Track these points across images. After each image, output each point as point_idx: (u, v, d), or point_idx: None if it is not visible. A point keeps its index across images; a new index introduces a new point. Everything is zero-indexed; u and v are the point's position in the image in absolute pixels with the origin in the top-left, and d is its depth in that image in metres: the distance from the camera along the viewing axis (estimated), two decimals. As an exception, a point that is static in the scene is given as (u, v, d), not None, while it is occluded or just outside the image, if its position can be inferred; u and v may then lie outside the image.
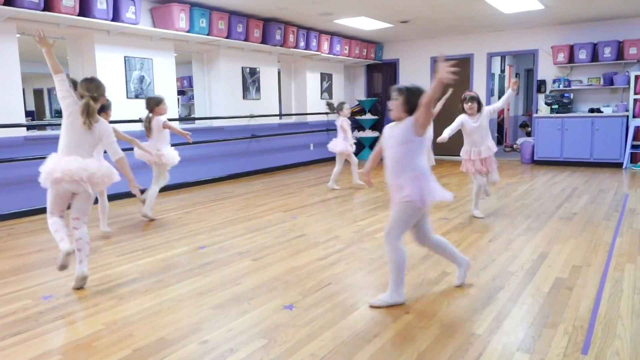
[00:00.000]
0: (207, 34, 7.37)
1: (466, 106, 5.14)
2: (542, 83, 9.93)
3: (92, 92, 3.43)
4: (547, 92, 9.82)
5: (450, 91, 5.84)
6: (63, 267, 3.20)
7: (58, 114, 14.63)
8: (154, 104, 5.36)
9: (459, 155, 5.41)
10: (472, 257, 3.89)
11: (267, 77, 9.21)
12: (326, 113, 10.86)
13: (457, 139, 5.42)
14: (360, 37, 10.81)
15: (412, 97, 2.88)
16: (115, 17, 6.21)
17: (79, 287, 3.32)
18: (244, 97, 8.73)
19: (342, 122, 7.15)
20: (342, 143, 7.17)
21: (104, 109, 4.11)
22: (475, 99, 5.14)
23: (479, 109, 5.15)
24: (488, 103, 10.79)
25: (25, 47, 6.89)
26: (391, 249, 2.97)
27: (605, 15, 8.87)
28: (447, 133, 5.12)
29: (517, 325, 2.67)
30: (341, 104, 7.28)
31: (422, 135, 2.90)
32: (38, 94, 16.04)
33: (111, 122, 6.38)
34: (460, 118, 5.18)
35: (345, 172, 7.79)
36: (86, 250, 3.34)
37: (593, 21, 9.33)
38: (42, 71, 13.62)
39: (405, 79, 11.57)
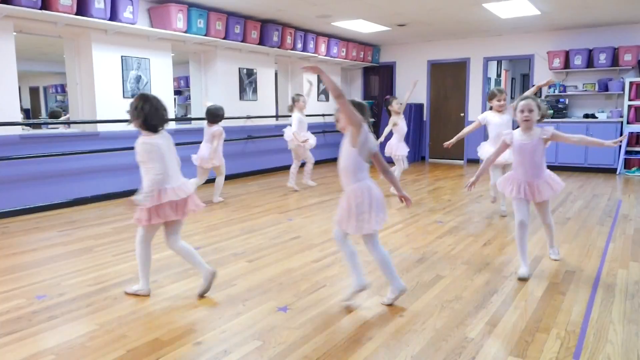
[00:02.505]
0: (205, 35, 7.37)
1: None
2: (537, 88, 9.97)
3: None
4: (543, 97, 9.87)
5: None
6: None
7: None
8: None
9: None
10: (467, 260, 3.91)
11: (264, 78, 9.21)
12: (322, 115, 10.88)
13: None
14: (357, 40, 10.83)
15: None
16: (113, 16, 6.21)
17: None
18: (241, 98, 8.73)
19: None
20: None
21: None
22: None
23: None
24: (484, 108, 10.83)
25: (22, 46, 6.88)
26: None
27: (601, 22, 8.93)
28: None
29: (510, 330, 2.69)
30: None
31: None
32: (34, 92, 15.99)
33: (107, 121, 6.42)
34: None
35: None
36: None
37: (589, 27, 9.39)
38: (38, 69, 13.67)
39: (402, 82, 11.60)
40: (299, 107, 7.16)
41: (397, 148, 6.84)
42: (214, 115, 6.21)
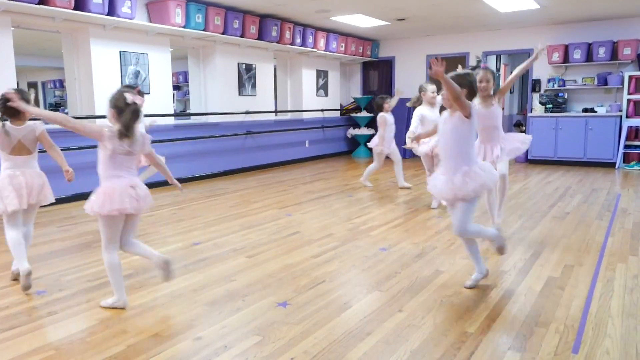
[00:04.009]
0: (203, 30, 7.35)
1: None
2: (536, 82, 9.97)
3: None
4: (542, 92, 9.86)
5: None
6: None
7: (52, 107, 14.58)
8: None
9: None
10: (465, 255, 3.91)
11: (263, 73, 9.19)
12: (321, 110, 10.87)
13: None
14: (356, 35, 10.80)
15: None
16: (111, 11, 6.18)
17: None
18: (240, 93, 8.72)
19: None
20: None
21: None
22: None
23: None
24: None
25: (20, 41, 6.85)
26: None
27: (600, 16, 8.91)
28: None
29: (509, 324, 2.69)
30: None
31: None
32: (32, 87, 15.95)
33: (106, 117, 6.41)
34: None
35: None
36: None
37: (588, 21, 9.37)
38: (36, 64, 13.63)
39: (401, 76, 11.58)
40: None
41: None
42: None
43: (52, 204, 5.95)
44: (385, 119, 6.68)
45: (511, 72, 13.95)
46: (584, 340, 2.50)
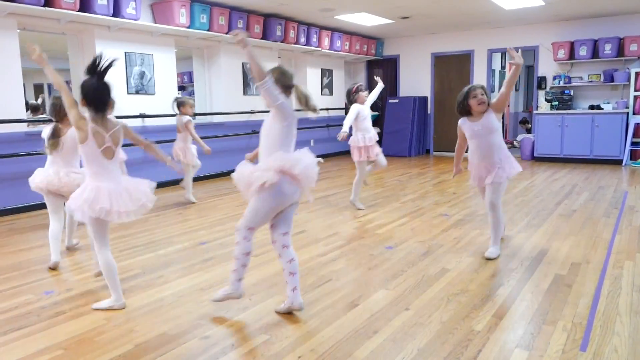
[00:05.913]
0: (208, 30, 7.36)
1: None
2: (542, 79, 9.93)
3: None
4: (548, 89, 9.82)
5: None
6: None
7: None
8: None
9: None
10: (472, 253, 3.91)
11: (267, 72, 9.19)
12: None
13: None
14: (360, 33, 10.80)
15: None
16: (116, 12, 6.21)
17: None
18: (245, 92, 8.73)
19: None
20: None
21: None
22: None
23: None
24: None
25: (26, 43, 6.88)
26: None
27: (606, 12, 8.86)
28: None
29: (516, 322, 2.69)
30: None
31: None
32: (38, 89, 16.03)
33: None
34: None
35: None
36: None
37: (593, 17, 9.32)
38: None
39: (406, 75, 11.57)
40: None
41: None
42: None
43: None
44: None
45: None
46: (592, 338, 2.49)
